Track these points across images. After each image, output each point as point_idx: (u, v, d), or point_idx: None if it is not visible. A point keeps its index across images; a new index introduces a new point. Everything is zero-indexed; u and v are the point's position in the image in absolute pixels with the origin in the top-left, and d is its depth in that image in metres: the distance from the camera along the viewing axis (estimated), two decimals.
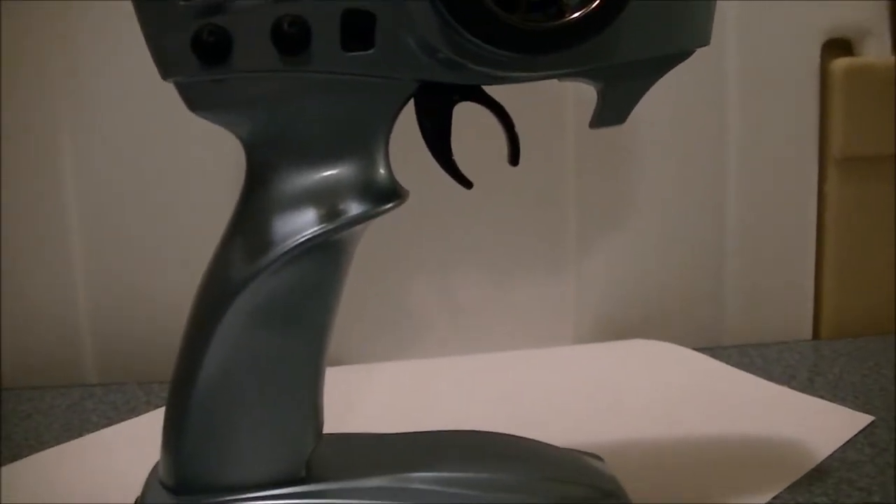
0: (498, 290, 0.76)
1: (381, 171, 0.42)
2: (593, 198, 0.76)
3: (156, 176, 0.72)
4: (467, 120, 0.44)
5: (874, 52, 0.77)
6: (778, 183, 0.79)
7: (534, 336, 0.77)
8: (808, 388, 0.68)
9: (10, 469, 0.57)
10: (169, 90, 0.41)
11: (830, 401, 0.65)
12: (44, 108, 0.71)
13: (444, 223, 0.72)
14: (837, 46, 0.77)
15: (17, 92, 0.70)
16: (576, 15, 0.38)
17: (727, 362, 0.73)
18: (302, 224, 0.41)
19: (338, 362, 0.69)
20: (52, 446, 0.61)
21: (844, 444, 0.58)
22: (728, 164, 0.77)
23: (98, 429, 0.64)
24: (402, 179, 0.44)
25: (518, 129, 0.43)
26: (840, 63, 0.77)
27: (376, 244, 0.53)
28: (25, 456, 0.59)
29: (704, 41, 0.44)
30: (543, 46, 0.39)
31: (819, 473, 0.55)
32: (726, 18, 0.75)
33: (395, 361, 0.74)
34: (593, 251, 0.77)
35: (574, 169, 0.75)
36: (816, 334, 0.81)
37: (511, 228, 0.74)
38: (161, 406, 0.62)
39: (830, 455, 0.57)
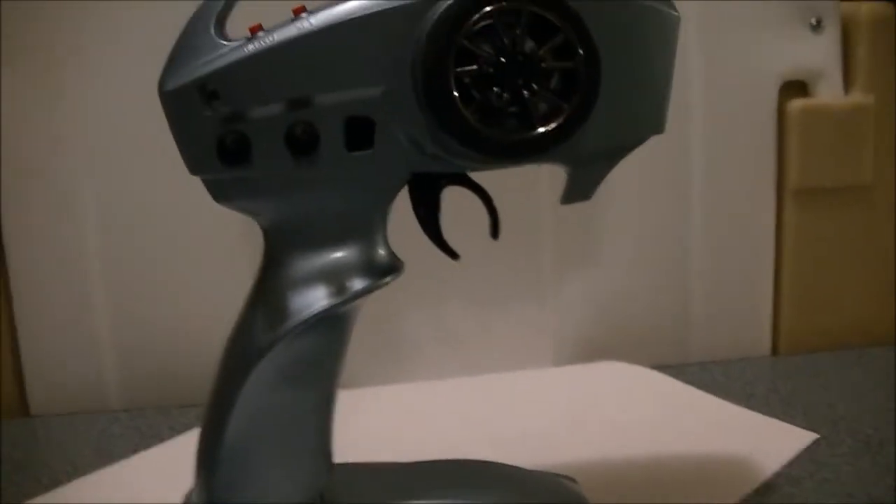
0: (484, 319, 0.82)
1: (381, 251, 0.49)
2: (567, 231, 0.82)
3: (174, 210, 0.77)
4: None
5: (828, 93, 0.83)
6: (739, 212, 0.84)
7: (517, 359, 0.83)
8: (763, 404, 0.75)
9: (49, 497, 0.63)
10: None
11: (782, 417, 0.72)
12: (61, 145, 0.76)
13: (435, 258, 0.78)
14: (794, 87, 0.83)
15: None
16: (540, 130, 0.45)
17: (691, 379, 0.79)
18: (314, 299, 0.47)
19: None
20: (88, 472, 0.67)
21: (790, 461, 0.65)
22: (692, 196, 0.83)
23: (126, 453, 0.70)
24: (400, 217, 0.50)
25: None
26: (796, 104, 0.83)
27: None
28: (63, 482, 0.65)
29: (659, 130, 0.50)
30: (515, 154, 0.46)
31: (766, 489, 0.61)
32: (691, 63, 0.80)
33: (386, 385, 0.80)
34: (569, 281, 0.83)
35: (550, 205, 0.80)
36: (775, 350, 0.87)
37: (494, 263, 0.79)
38: (180, 430, 0.70)
39: (777, 472, 0.63)
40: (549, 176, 0.78)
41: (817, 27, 0.82)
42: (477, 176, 0.50)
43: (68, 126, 0.76)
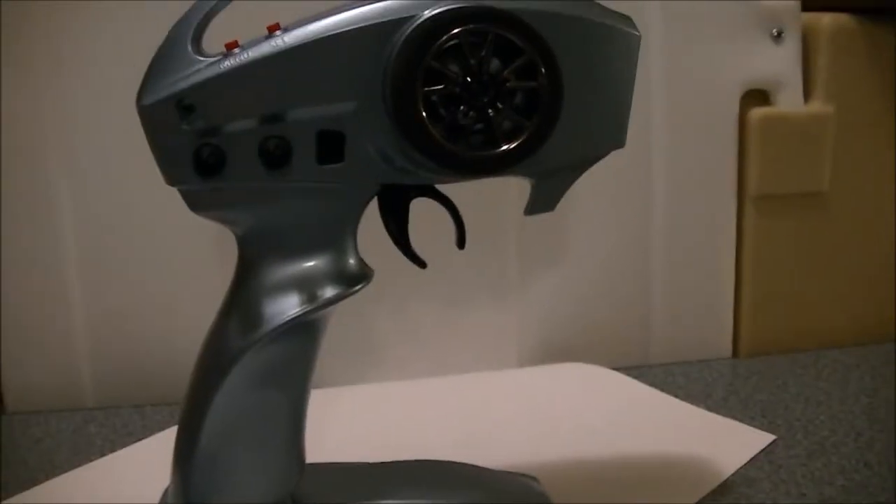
0: (450, 321, 0.84)
1: (351, 259, 0.50)
2: (532, 235, 0.84)
3: (152, 213, 0.78)
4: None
5: (788, 102, 0.85)
6: (701, 218, 0.87)
7: (482, 360, 0.84)
8: (723, 406, 0.77)
9: (29, 495, 0.65)
10: None
11: (741, 419, 0.74)
12: (36, 139, 0.77)
13: (403, 261, 0.79)
14: (755, 96, 0.86)
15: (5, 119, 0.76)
16: (504, 147, 0.47)
17: (653, 381, 0.82)
18: (286, 306, 0.49)
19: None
20: (65, 471, 0.68)
21: (748, 462, 0.67)
22: (655, 202, 0.85)
23: (102, 452, 0.71)
24: (369, 223, 0.51)
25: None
26: (756, 113, 0.85)
27: None
28: (42, 480, 0.66)
29: (620, 145, 0.52)
30: (480, 170, 0.48)
31: (724, 489, 0.63)
32: (654, 72, 0.82)
33: (356, 385, 0.81)
34: (533, 284, 0.85)
35: (515, 210, 0.81)
36: (735, 353, 0.89)
37: (460, 266, 0.81)
38: (155, 429, 0.72)
39: (735, 472, 0.66)
40: (515, 182, 0.80)
41: (778, 37, 0.85)
42: (444, 186, 0.52)
43: (47, 126, 0.77)
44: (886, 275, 0.90)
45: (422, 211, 0.52)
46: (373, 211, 0.51)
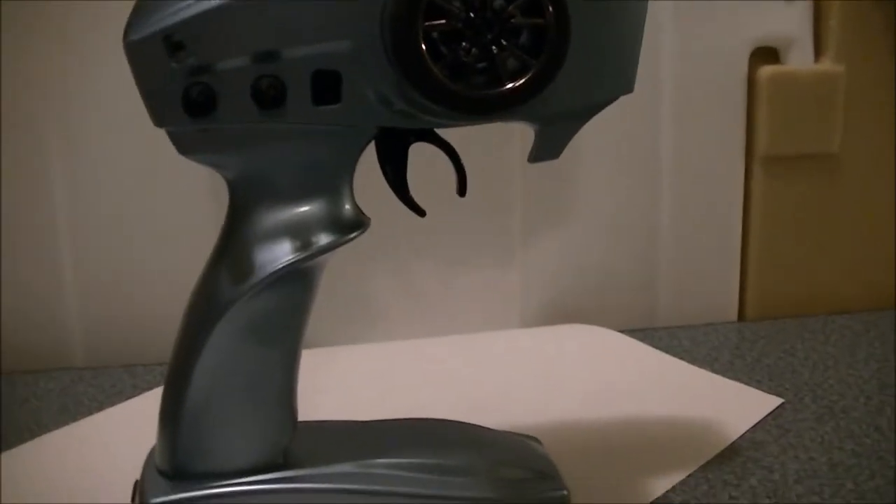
0: (452, 280, 0.82)
1: (347, 205, 0.49)
2: (536, 194, 0.82)
3: (139, 165, 0.76)
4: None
5: (798, 60, 0.83)
6: (708, 179, 0.85)
7: (485, 320, 0.83)
8: (729, 369, 0.76)
9: (14, 453, 0.63)
10: None
11: (747, 382, 0.73)
12: (30, 101, 0.75)
13: (403, 219, 0.78)
14: (765, 54, 0.83)
15: (3, 87, 0.74)
16: (509, 86, 0.45)
17: (658, 344, 0.80)
18: (279, 253, 0.47)
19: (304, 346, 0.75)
20: (52, 430, 0.67)
21: (755, 426, 0.66)
22: (661, 162, 0.83)
23: (90, 411, 0.70)
24: (367, 179, 0.50)
25: (468, 129, 0.49)
26: (766, 70, 0.83)
27: None
28: (28, 439, 0.65)
29: (629, 89, 0.50)
30: (483, 110, 0.46)
31: (730, 453, 0.62)
32: (662, 28, 0.80)
33: (356, 345, 0.80)
34: (538, 243, 0.83)
35: (520, 169, 0.81)
36: (742, 316, 0.88)
37: (463, 224, 0.80)
38: (145, 389, 0.70)
39: (742, 436, 0.64)
40: (519, 138, 0.79)
41: None
42: (447, 135, 0.50)
43: (41, 93, 0.75)
44: None
45: (422, 168, 0.50)
46: (374, 167, 0.49)
